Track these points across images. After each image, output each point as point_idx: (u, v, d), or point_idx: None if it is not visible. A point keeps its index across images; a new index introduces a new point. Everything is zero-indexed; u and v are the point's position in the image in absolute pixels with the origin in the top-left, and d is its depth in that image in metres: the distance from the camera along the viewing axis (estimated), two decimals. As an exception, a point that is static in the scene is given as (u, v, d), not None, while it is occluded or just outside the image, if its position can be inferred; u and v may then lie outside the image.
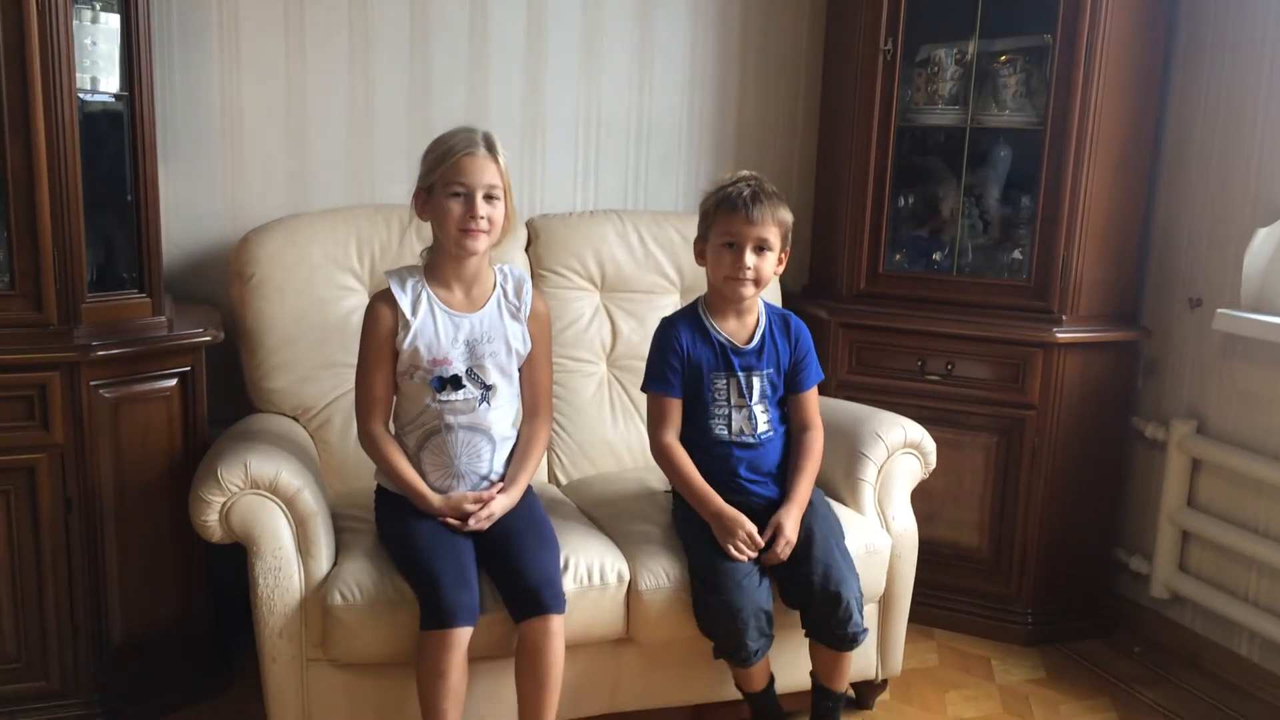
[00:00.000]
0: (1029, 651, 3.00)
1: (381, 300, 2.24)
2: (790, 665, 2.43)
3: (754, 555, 2.26)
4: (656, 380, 2.39)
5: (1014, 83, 2.98)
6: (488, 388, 2.25)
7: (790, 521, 2.30)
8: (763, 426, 2.40)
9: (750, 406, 2.39)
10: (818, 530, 2.33)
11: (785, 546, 2.28)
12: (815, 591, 2.25)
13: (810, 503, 2.39)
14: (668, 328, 2.42)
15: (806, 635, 2.33)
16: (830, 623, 2.27)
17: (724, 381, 2.38)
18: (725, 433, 2.38)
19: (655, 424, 2.40)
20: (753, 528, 2.27)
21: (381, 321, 2.22)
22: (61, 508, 2.30)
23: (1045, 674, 2.89)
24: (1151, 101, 2.98)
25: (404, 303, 2.21)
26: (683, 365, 2.37)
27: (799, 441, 2.44)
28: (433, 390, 2.22)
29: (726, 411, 2.38)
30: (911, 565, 2.59)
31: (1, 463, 2.24)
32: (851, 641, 2.29)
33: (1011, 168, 3.12)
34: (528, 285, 2.33)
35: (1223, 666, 2.89)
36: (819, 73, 3.35)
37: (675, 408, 2.39)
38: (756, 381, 2.40)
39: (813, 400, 2.47)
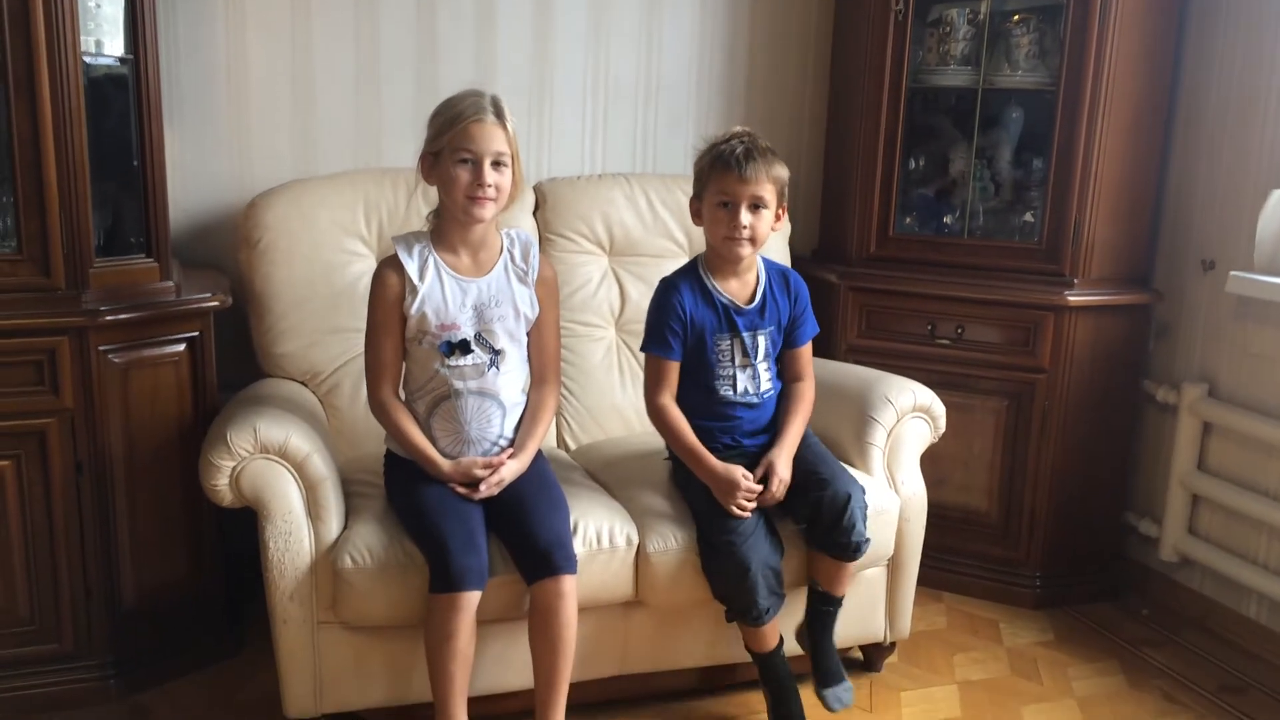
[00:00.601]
0: (1037, 614, 3.01)
1: (388, 266, 2.24)
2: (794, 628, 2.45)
3: (755, 505, 2.28)
4: (656, 342, 2.38)
5: (1027, 42, 2.94)
6: (496, 352, 2.24)
7: (782, 461, 2.31)
8: (765, 385, 2.41)
9: (755, 365, 2.39)
10: (815, 452, 2.38)
11: (780, 485, 2.29)
12: (824, 500, 2.27)
13: (811, 435, 2.44)
14: (669, 289, 2.40)
15: (811, 547, 2.35)
16: (835, 532, 2.28)
17: (728, 343, 2.38)
18: (731, 393, 2.38)
19: (652, 385, 2.40)
20: (749, 482, 2.28)
21: (389, 288, 2.22)
22: (72, 472, 2.31)
23: (1053, 637, 2.90)
24: (1166, 61, 2.94)
25: (411, 269, 2.21)
26: (684, 329, 2.36)
27: (790, 390, 2.45)
28: (441, 355, 2.22)
29: (731, 372, 2.38)
30: (920, 529, 2.59)
31: (12, 427, 2.25)
32: (855, 551, 2.30)
33: (1023, 129, 3.09)
34: (535, 249, 2.32)
35: (1231, 629, 2.89)
36: (830, 33, 3.32)
37: (673, 370, 2.38)
38: (761, 340, 2.40)
39: (807, 354, 2.48)
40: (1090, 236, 2.90)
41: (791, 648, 2.42)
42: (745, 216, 2.30)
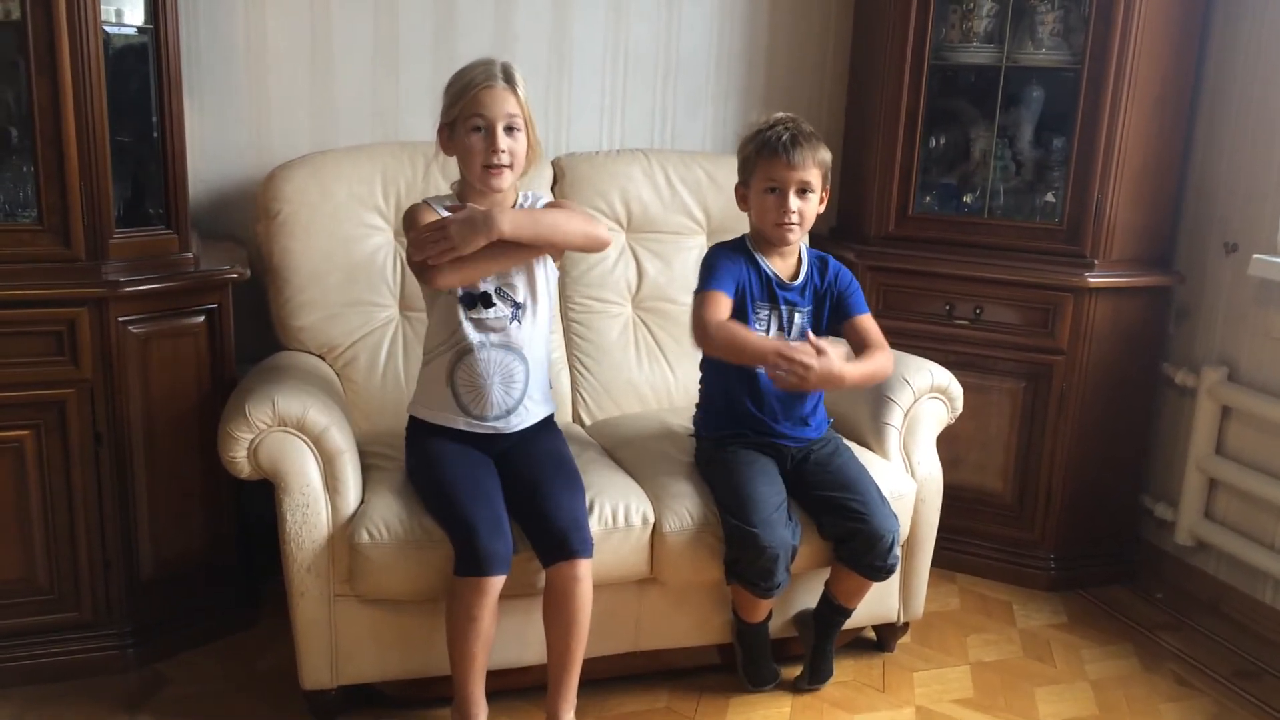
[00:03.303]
0: (1051, 597, 3.00)
1: (423, 205, 2.23)
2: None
3: (801, 363, 2.18)
4: (714, 282, 2.32)
5: (1051, 20, 2.91)
6: (518, 305, 2.25)
7: (831, 355, 2.20)
8: None
9: (788, 341, 2.39)
10: (856, 471, 2.38)
11: (807, 360, 2.17)
12: (861, 530, 2.29)
13: (846, 446, 2.45)
14: (723, 248, 2.42)
15: (838, 560, 2.36)
16: (870, 556, 2.31)
17: (766, 312, 2.39)
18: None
19: (708, 311, 2.29)
20: (786, 345, 2.21)
21: (430, 216, 2.19)
22: (91, 442, 2.32)
23: (1067, 619, 2.90)
24: (1192, 40, 2.91)
25: (442, 214, 2.20)
26: (735, 284, 2.35)
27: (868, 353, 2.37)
28: (463, 308, 2.21)
29: None
30: (936, 510, 2.59)
31: (32, 398, 2.26)
32: (888, 573, 2.35)
33: (1045, 108, 3.06)
34: (544, 202, 2.34)
35: (1246, 614, 2.89)
36: (851, 9, 3.29)
37: (727, 304, 2.32)
38: (797, 317, 2.40)
39: (870, 323, 2.42)
40: (1112, 217, 2.87)
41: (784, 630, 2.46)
42: (794, 202, 2.32)
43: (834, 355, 2.22)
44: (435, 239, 2.09)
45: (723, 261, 2.38)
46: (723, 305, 2.33)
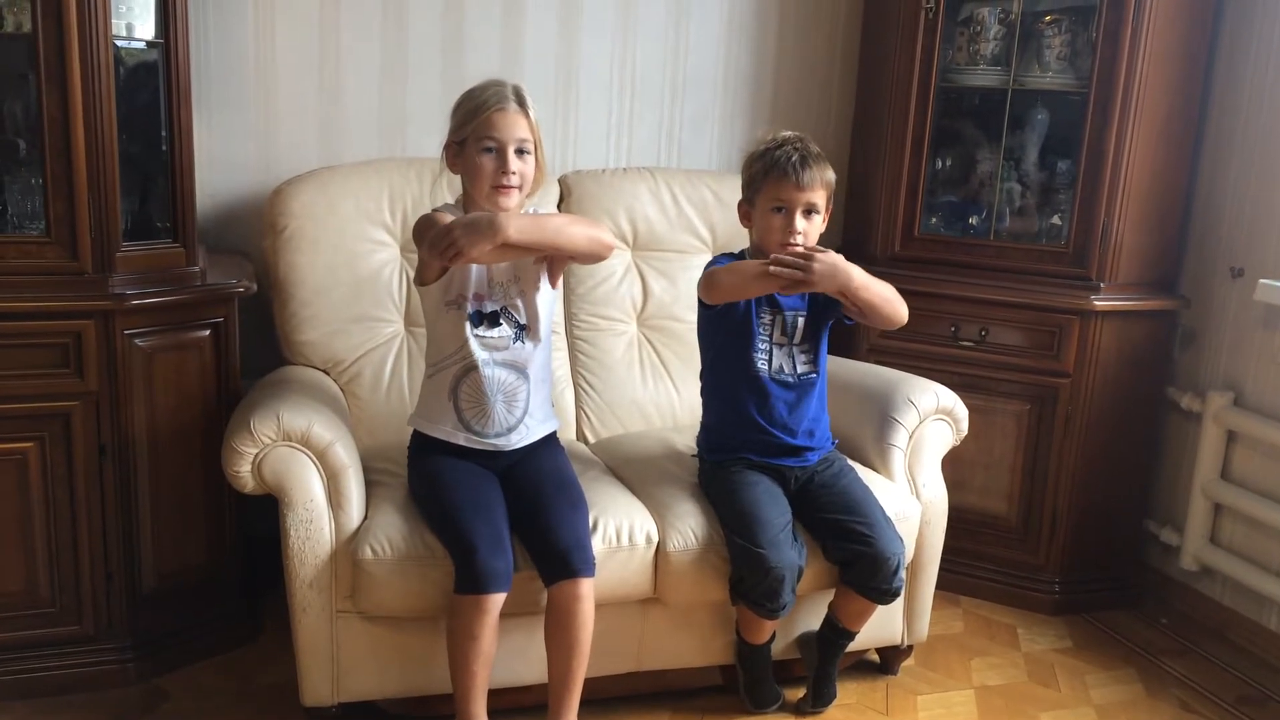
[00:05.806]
0: (1055, 621, 2.99)
1: (434, 214, 2.20)
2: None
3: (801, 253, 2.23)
4: (721, 260, 2.36)
5: (1058, 43, 2.92)
6: (522, 326, 2.25)
7: (833, 254, 2.25)
8: (803, 367, 2.41)
9: (792, 345, 2.40)
10: (861, 493, 2.37)
11: (807, 250, 2.23)
12: (866, 553, 2.29)
13: (850, 468, 2.45)
14: (725, 258, 2.43)
15: (843, 583, 2.36)
16: (875, 579, 2.31)
17: (770, 318, 2.39)
18: (765, 367, 2.38)
19: (712, 270, 2.36)
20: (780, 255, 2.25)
21: (446, 220, 2.16)
22: (95, 455, 2.32)
23: (1071, 643, 2.88)
24: (1199, 65, 2.92)
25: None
26: None
27: None
28: (470, 325, 2.22)
29: (768, 347, 2.39)
30: (941, 532, 2.58)
31: (36, 410, 2.26)
32: (893, 596, 2.34)
33: (1051, 131, 3.06)
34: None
35: (1251, 640, 2.87)
36: (858, 30, 3.30)
37: None
38: (800, 322, 2.41)
39: None
40: (1118, 240, 2.87)
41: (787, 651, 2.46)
42: (800, 223, 2.33)
43: (829, 251, 2.25)
44: (440, 243, 2.08)
45: (722, 258, 2.40)
46: None
